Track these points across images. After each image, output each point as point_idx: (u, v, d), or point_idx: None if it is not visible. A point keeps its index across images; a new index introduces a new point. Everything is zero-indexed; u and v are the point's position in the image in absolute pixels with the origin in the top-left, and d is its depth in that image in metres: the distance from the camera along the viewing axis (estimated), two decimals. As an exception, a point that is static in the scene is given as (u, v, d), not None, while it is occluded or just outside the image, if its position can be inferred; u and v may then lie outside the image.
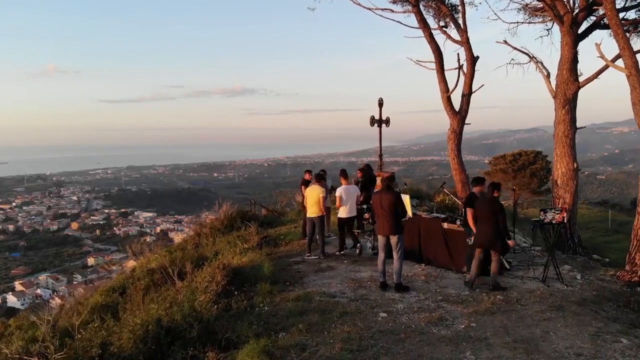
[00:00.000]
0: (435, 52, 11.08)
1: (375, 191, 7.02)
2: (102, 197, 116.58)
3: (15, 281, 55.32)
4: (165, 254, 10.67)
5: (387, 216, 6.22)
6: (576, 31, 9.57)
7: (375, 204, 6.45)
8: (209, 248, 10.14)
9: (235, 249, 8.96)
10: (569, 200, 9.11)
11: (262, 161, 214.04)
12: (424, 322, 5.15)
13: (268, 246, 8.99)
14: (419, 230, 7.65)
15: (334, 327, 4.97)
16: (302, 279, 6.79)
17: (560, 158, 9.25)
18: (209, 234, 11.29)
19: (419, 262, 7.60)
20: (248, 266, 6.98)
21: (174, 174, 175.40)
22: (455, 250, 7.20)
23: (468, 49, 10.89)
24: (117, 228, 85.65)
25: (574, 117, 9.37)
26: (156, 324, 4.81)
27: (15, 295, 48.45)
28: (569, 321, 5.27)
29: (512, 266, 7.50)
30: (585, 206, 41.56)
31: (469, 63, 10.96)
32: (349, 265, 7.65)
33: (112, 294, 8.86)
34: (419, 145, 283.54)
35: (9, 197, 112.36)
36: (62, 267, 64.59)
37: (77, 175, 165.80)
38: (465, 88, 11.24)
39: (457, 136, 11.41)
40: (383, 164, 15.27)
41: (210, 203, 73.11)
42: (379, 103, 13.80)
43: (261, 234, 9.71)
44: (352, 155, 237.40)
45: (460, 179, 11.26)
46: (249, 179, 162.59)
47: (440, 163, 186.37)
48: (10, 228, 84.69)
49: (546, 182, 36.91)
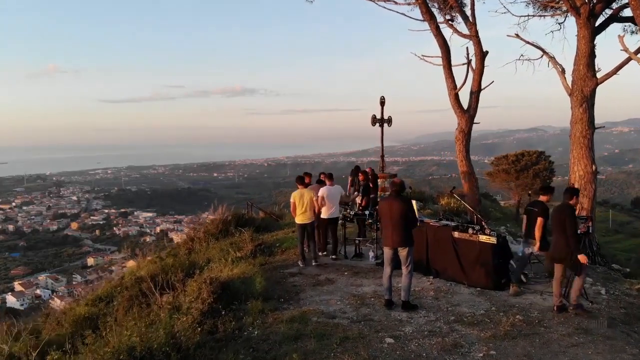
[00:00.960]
0: (442, 47, 10.33)
1: (382, 197, 6.36)
2: (102, 197, 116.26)
3: (14, 281, 55.02)
4: (156, 260, 10.16)
5: (395, 226, 5.54)
6: (593, 24, 8.91)
7: (382, 212, 5.76)
8: (202, 254, 9.60)
9: (227, 257, 8.41)
10: (588, 205, 8.45)
11: (262, 161, 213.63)
12: (437, 350, 4.50)
13: (262, 255, 8.39)
14: (427, 239, 6.99)
15: (334, 356, 4.32)
16: (298, 295, 6.14)
17: (578, 160, 8.58)
18: (203, 238, 10.76)
19: (426, 275, 6.94)
20: (239, 279, 6.33)
21: (173, 174, 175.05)
22: (467, 262, 6.55)
23: (477, 43, 10.16)
24: (116, 228, 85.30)
25: (592, 116, 8.70)
26: (128, 354, 4.17)
27: (15, 296, 48.07)
28: (599, 347, 4.63)
29: (529, 279, 6.86)
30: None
31: (478, 58, 10.20)
32: (350, 277, 7.00)
33: (98, 304, 8.33)
34: (418, 145, 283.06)
35: (8, 197, 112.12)
36: (61, 268, 64.25)
37: (77, 175, 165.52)
38: (474, 85, 10.49)
39: (465, 136, 10.66)
40: (385, 165, 14.61)
41: (210, 203, 73.01)
42: (381, 101, 13.25)
43: (256, 240, 9.08)
44: (352, 155, 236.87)
45: (469, 182, 10.52)
46: (249, 179, 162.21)
47: (440, 163, 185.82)
48: (10, 228, 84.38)
49: (549, 182, 36.49)
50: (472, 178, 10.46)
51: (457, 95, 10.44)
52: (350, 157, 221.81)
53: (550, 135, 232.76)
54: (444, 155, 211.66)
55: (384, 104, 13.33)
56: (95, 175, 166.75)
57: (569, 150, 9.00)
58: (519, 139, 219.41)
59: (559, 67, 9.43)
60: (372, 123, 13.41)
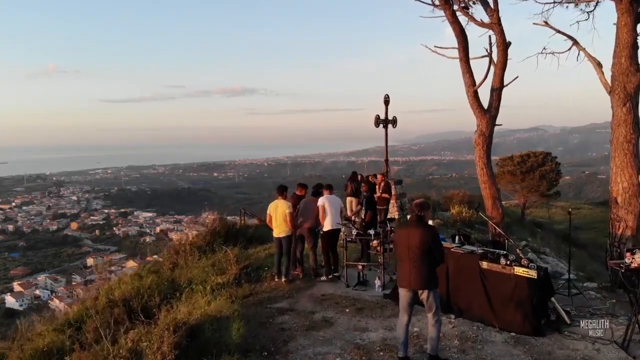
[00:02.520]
0: (458, 36, 8.85)
1: (399, 225, 5.02)
2: (102, 197, 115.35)
3: (13, 282, 54.18)
4: (135, 278, 8.95)
5: (415, 262, 4.28)
6: (637, 9, 7.61)
7: (398, 243, 4.49)
8: (185, 272, 8.42)
9: (209, 280, 7.18)
10: (632, 223, 7.14)
11: (262, 161, 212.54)
12: None
13: (248, 281, 7.13)
14: (447, 268, 5.70)
15: None
16: (287, 344, 4.85)
17: (621, 169, 7.26)
18: (189, 252, 9.58)
19: (446, 313, 5.64)
20: (212, 322, 5.05)
21: (173, 174, 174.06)
22: (498, 299, 5.26)
23: (499, 32, 8.68)
24: (116, 228, 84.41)
25: (638, 117, 7.40)
26: None
27: (14, 296, 47.15)
28: None
29: (572, 317, 5.57)
30: (588, 206, 39.92)
31: (500, 49, 8.70)
32: (352, 316, 5.67)
33: (66, 329, 7.17)
34: (418, 145, 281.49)
35: (8, 197, 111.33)
36: (61, 268, 63.43)
37: (77, 175, 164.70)
38: (495, 80, 8.99)
39: (486, 140, 9.07)
40: (390, 170, 13.41)
41: (210, 203, 71.50)
42: (385, 100, 12.12)
43: (242, 261, 7.78)
44: (352, 155, 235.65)
45: (490, 193, 8.94)
46: (249, 179, 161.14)
47: (440, 163, 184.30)
48: (10, 228, 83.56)
49: (556, 184, 35.30)
50: (493, 188, 8.96)
51: (476, 93, 8.91)
52: (350, 157, 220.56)
53: (550, 135, 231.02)
54: (444, 155, 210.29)
55: (388, 103, 12.17)
56: (95, 175, 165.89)
57: (569, 150, 7.70)
58: (519, 139, 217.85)
59: (595, 61, 8.11)
60: (376, 124, 12.26)
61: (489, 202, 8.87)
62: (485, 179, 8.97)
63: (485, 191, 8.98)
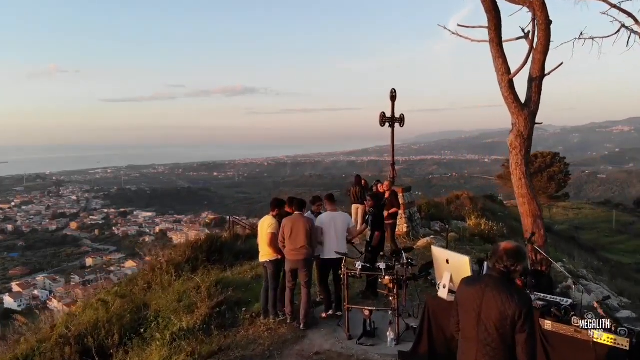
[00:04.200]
0: (489, 12, 6.69)
1: (467, 279, 2.86)
2: (102, 197, 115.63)
3: (12, 282, 54.36)
4: (98, 305, 7.37)
5: (487, 346, 2.62)
6: None
7: (464, 308, 2.77)
8: (157, 297, 7.24)
9: (171, 322, 5.84)
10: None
11: (262, 160, 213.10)
12: None
13: (221, 326, 5.66)
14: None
15: None
16: None
17: None
18: (166, 270, 8.37)
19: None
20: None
21: (173, 174, 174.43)
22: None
23: (541, 7, 6.47)
24: (116, 228, 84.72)
25: None
26: None
27: (12, 297, 47.40)
28: None
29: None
30: (589, 206, 40.31)
31: (541, 29, 6.52)
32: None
33: None
34: (418, 144, 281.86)
35: (8, 196, 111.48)
36: (60, 268, 63.55)
37: (76, 174, 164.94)
38: (534, 68, 6.78)
39: (524, 143, 6.93)
40: (396, 175, 12.03)
41: (210, 202, 73.04)
42: (392, 96, 11.06)
43: (216, 295, 6.38)
44: (352, 154, 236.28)
45: (530, 210, 6.79)
46: (249, 179, 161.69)
47: (440, 162, 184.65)
48: (9, 228, 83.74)
49: (564, 186, 34.64)
50: (534, 203, 6.83)
51: (511, 83, 6.79)
52: (350, 157, 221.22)
53: (550, 134, 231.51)
54: (444, 155, 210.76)
55: (395, 99, 11.08)
56: (95, 175, 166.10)
57: (569, 150, 6.86)
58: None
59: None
60: (381, 123, 11.05)
61: (528, 221, 6.83)
62: (524, 192, 6.95)
63: (523, 207, 6.94)
